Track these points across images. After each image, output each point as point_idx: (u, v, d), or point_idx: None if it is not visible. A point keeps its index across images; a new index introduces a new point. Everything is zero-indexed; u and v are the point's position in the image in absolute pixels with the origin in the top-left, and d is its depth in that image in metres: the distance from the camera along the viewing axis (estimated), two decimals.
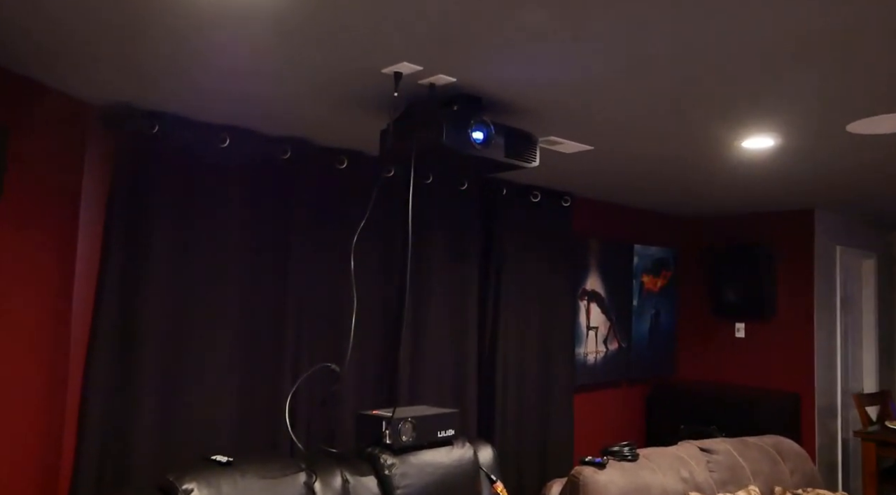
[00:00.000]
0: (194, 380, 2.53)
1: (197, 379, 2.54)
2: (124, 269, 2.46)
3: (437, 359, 3.40)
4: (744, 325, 4.98)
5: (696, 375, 5.20)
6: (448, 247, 3.54)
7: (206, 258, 2.68)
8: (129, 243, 2.49)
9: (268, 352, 2.73)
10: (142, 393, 2.41)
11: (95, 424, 2.31)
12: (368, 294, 3.16)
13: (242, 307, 2.71)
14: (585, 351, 4.41)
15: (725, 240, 5.11)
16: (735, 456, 3.25)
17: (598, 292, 4.51)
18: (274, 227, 2.88)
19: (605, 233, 4.64)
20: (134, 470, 2.35)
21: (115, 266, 2.44)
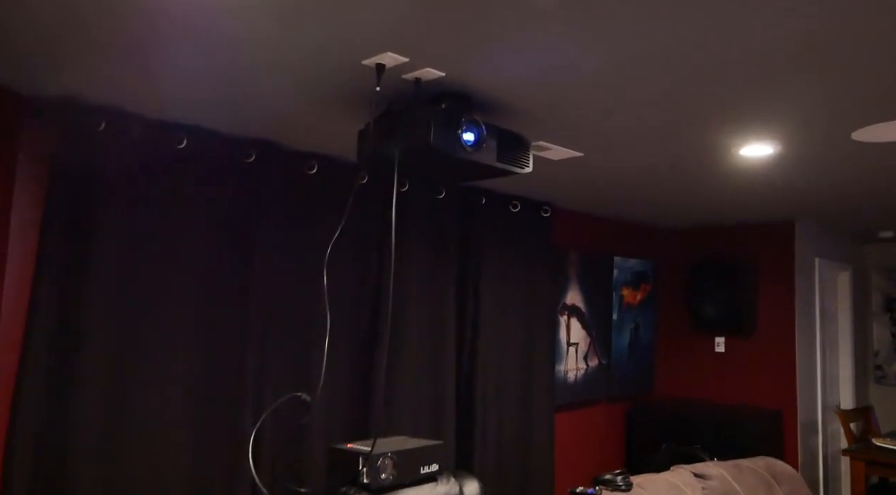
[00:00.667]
0: (141, 413, 2.24)
1: (145, 412, 2.25)
2: (62, 286, 2.17)
3: (414, 382, 3.15)
4: (724, 340, 4.85)
5: (677, 391, 5.05)
6: (424, 260, 3.30)
7: (158, 273, 2.40)
8: (69, 257, 2.20)
9: (228, 380, 2.45)
10: (80, 431, 2.11)
11: (24, 468, 2.00)
12: (339, 313, 2.91)
13: (199, 330, 2.43)
14: (566, 368, 4.21)
15: (705, 253, 4.99)
16: (730, 482, 3.07)
17: (578, 306, 4.32)
18: (235, 239, 2.61)
19: (585, 245, 4.47)
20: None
21: (51, 282, 2.14)
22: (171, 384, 2.33)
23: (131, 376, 2.27)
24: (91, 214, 2.24)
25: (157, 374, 2.32)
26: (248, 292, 2.57)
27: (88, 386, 2.16)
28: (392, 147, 1.87)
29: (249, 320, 2.53)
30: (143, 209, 2.38)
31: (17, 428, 1.99)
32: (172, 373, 2.34)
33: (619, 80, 1.88)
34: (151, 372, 2.30)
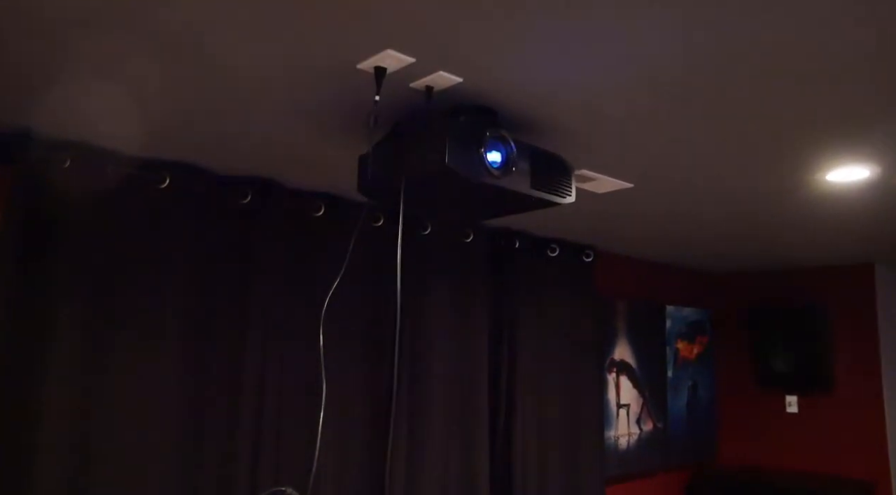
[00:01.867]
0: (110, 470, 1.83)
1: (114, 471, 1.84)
2: (17, 353, 1.80)
3: (440, 457, 2.68)
4: (796, 398, 4.25)
5: (744, 459, 4.43)
6: (450, 312, 2.87)
7: (134, 335, 2.02)
8: (25, 316, 1.84)
9: (215, 466, 2.03)
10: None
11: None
12: (349, 381, 2.49)
13: (180, 404, 2.03)
14: (616, 434, 3.68)
15: (767, 299, 4.44)
16: None
17: (627, 362, 3.82)
18: (227, 296, 2.24)
19: (633, 293, 3.99)
20: None
21: (4, 348, 1.78)
22: (150, 471, 1.93)
23: (98, 464, 1.88)
24: (52, 269, 1.89)
25: (131, 456, 1.92)
26: (241, 361, 2.18)
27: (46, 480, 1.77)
28: (398, 172, 1.48)
29: (240, 395, 2.13)
30: (121, 258, 2.03)
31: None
32: (148, 457, 1.93)
33: (688, 86, 1.47)
34: (122, 454, 1.90)
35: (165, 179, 2.12)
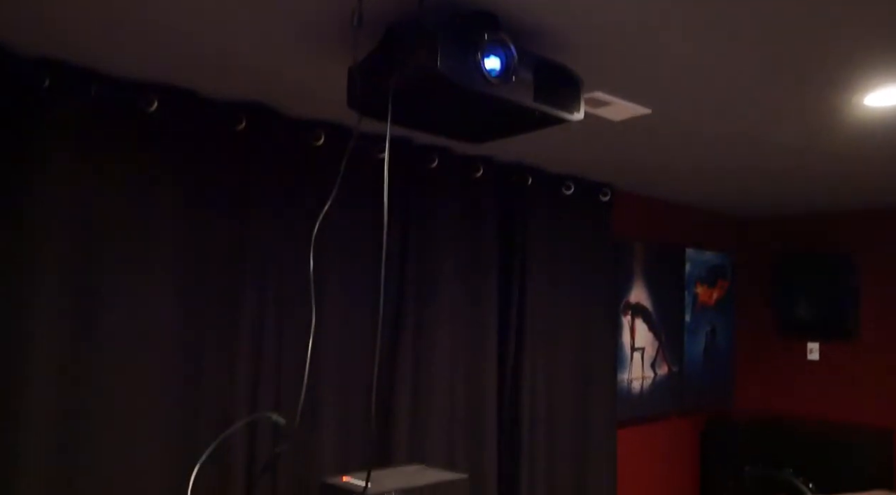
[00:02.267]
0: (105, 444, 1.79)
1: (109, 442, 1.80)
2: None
3: (446, 399, 2.63)
4: (818, 346, 4.13)
5: (760, 405, 4.34)
6: (458, 253, 2.77)
7: (123, 268, 1.95)
8: (4, 252, 1.77)
9: (213, 404, 1.98)
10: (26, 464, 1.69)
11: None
12: (352, 315, 2.41)
13: (175, 342, 1.97)
14: (629, 377, 3.60)
15: (793, 244, 4.27)
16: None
17: (643, 306, 3.71)
18: (222, 229, 2.15)
19: (652, 235, 3.84)
20: None
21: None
22: (149, 414, 1.89)
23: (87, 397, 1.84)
24: (32, 202, 1.81)
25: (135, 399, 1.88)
26: (238, 299, 2.10)
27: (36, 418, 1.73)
28: (387, 82, 1.35)
29: (238, 329, 2.06)
30: (106, 186, 1.94)
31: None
32: (139, 396, 1.89)
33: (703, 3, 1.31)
34: (112, 390, 1.86)
35: (153, 103, 2.02)
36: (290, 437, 1.87)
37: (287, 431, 1.83)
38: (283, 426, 1.61)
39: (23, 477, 1.67)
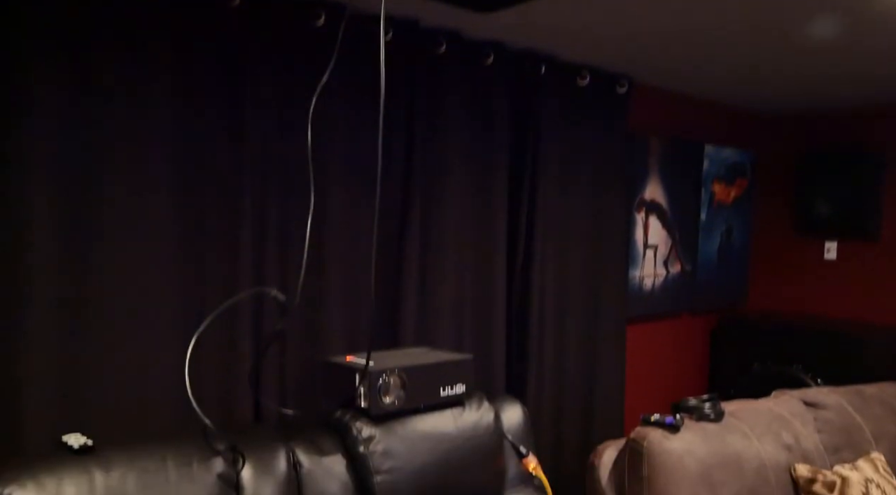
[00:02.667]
0: (106, 321, 1.80)
1: (109, 318, 1.81)
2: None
3: (454, 289, 2.61)
4: (835, 245, 4.05)
5: (773, 305, 4.33)
6: (466, 144, 2.69)
7: (116, 159, 1.90)
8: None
9: (214, 276, 1.97)
10: (31, 343, 1.70)
11: None
12: (358, 199, 2.37)
13: (174, 230, 1.94)
14: (641, 274, 3.58)
15: (817, 142, 4.12)
16: (850, 413, 2.44)
17: (658, 203, 3.63)
18: (220, 116, 2.07)
19: (670, 131, 3.71)
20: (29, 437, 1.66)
21: None
22: (146, 284, 1.88)
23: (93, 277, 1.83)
24: (20, 58, 1.74)
25: (128, 269, 1.87)
26: (240, 182, 2.05)
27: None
28: None
29: (239, 224, 2.02)
30: (92, 58, 1.86)
31: None
32: (145, 270, 1.88)
33: None
34: (111, 269, 1.85)
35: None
36: (290, 314, 1.87)
37: (288, 307, 1.83)
38: (284, 302, 1.59)
39: (30, 359, 1.69)
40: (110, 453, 1.22)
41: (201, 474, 1.27)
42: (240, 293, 1.93)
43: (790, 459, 2.19)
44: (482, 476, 1.66)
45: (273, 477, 1.39)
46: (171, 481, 1.23)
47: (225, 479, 1.30)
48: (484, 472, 1.66)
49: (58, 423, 1.66)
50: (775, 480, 2.12)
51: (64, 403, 1.68)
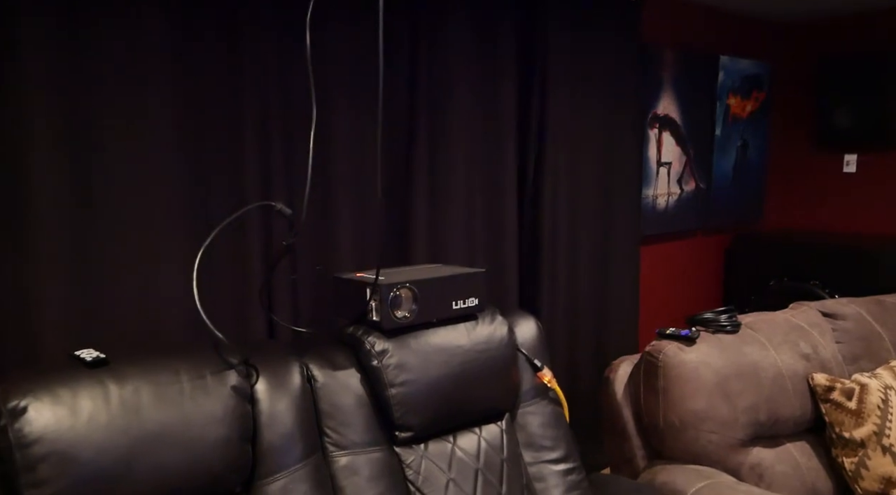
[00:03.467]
0: (114, 242, 1.77)
1: (119, 240, 1.77)
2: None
3: (463, 205, 2.55)
4: (855, 158, 3.93)
5: (790, 222, 4.25)
6: (474, 53, 2.57)
7: (117, 67, 1.81)
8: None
9: (221, 197, 1.92)
10: (37, 260, 1.67)
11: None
12: (362, 118, 2.28)
13: (178, 129, 1.86)
14: (655, 193, 3.50)
15: (837, 49, 3.94)
16: (869, 323, 2.40)
17: (672, 118, 3.51)
18: (217, 24, 1.96)
19: (684, 42, 3.55)
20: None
21: None
22: (147, 206, 1.83)
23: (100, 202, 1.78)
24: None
25: (126, 192, 1.82)
26: (242, 105, 1.96)
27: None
28: None
29: (245, 118, 1.94)
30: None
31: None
32: (146, 194, 1.83)
33: None
34: (118, 192, 1.80)
35: None
36: (298, 230, 1.82)
37: (294, 222, 1.78)
38: (290, 216, 1.54)
39: (40, 277, 1.66)
40: (124, 366, 1.20)
41: (215, 386, 1.25)
42: (250, 222, 1.89)
43: (808, 368, 2.16)
44: (497, 388, 1.65)
45: (287, 391, 1.38)
46: (185, 393, 1.21)
47: (239, 391, 1.28)
48: (498, 385, 1.65)
49: (70, 341, 1.65)
50: (793, 389, 2.10)
51: (75, 322, 1.67)
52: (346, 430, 1.45)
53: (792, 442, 2.12)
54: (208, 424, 1.21)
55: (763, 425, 2.04)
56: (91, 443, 1.10)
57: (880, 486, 1.97)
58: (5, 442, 1.07)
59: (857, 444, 2.02)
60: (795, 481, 2.02)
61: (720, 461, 1.98)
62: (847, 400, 2.07)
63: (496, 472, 1.60)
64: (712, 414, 1.97)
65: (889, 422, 2.03)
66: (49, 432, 1.08)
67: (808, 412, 2.13)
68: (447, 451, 1.56)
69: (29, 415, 1.08)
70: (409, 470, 1.51)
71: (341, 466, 1.43)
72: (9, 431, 1.07)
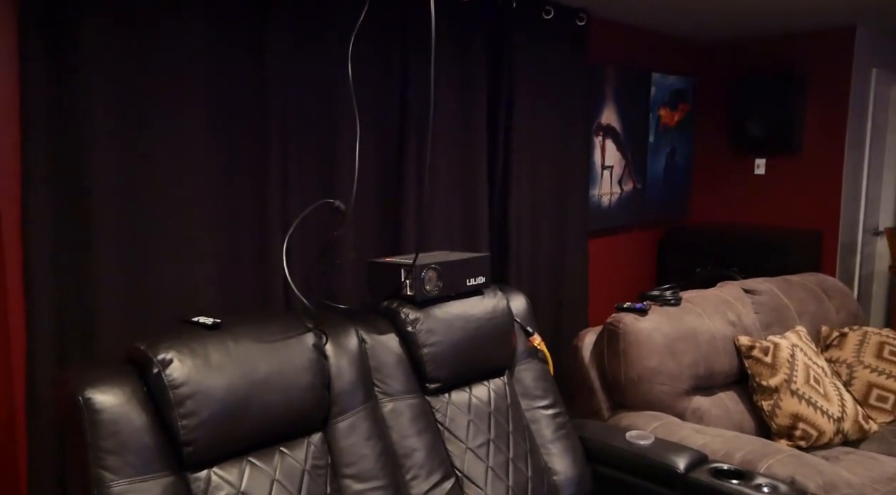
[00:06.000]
0: (159, 234, 2.06)
1: (163, 232, 2.06)
2: (52, 108, 1.87)
3: (445, 200, 2.94)
4: (764, 161, 4.57)
5: (712, 217, 4.86)
6: (451, 73, 2.96)
7: (160, 82, 2.09)
8: (55, 57, 1.89)
9: (248, 195, 2.23)
10: (97, 251, 1.94)
11: (44, 298, 1.84)
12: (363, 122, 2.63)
13: (213, 139, 2.17)
14: (600, 192, 3.99)
15: (749, 68, 4.56)
16: (779, 296, 2.94)
17: (613, 127, 4.01)
18: (245, 42, 2.27)
19: (622, 60, 4.06)
20: (101, 342, 1.93)
21: (40, 105, 1.83)
22: (191, 197, 2.13)
23: (146, 198, 2.06)
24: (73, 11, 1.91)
25: (174, 191, 2.11)
26: (263, 96, 2.27)
27: (98, 208, 1.95)
28: None
29: (269, 126, 2.26)
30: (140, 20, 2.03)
31: (31, 247, 1.82)
32: (188, 188, 2.12)
33: None
34: (167, 190, 2.09)
35: None
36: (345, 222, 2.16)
37: (346, 216, 2.12)
38: (343, 211, 1.88)
39: (99, 269, 1.93)
40: (234, 328, 1.52)
41: (301, 344, 1.58)
42: (272, 224, 2.21)
43: (734, 332, 2.67)
44: (501, 349, 2.05)
45: (347, 350, 1.73)
46: (281, 349, 1.54)
47: (318, 349, 1.62)
48: (502, 346, 2.05)
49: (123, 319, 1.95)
50: (723, 349, 2.60)
51: (128, 304, 1.97)
52: (391, 381, 1.81)
53: (723, 391, 2.62)
54: (299, 373, 1.55)
55: (701, 378, 2.53)
56: (221, 385, 1.42)
57: (790, 421, 2.49)
58: (160, 384, 1.38)
59: (772, 390, 2.54)
60: (727, 421, 2.52)
61: (670, 407, 2.45)
62: (764, 356, 2.59)
63: (503, 415, 2.00)
64: (663, 369, 2.44)
65: (795, 372, 2.56)
66: (192, 376, 1.39)
67: (735, 367, 2.63)
68: (466, 399, 1.95)
69: (175, 364, 1.39)
70: (439, 414, 1.89)
71: (388, 410, 1.79)
72: (162, 376, 1.38)
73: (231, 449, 1.45)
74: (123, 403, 1.35)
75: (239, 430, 1.45)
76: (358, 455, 1.64)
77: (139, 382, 1.40)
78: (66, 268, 1.89)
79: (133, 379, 1.40)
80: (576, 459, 2.08)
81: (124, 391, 1.36)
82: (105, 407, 1.32)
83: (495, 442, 1.92)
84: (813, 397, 2.53)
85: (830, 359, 2.90)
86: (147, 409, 1.37)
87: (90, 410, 1.31)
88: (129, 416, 1.34)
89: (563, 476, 2.03)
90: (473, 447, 1.88)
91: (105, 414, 1.32)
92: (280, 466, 1.51)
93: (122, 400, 1.35)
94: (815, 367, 2.63)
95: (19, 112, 1.85)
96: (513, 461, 1.92)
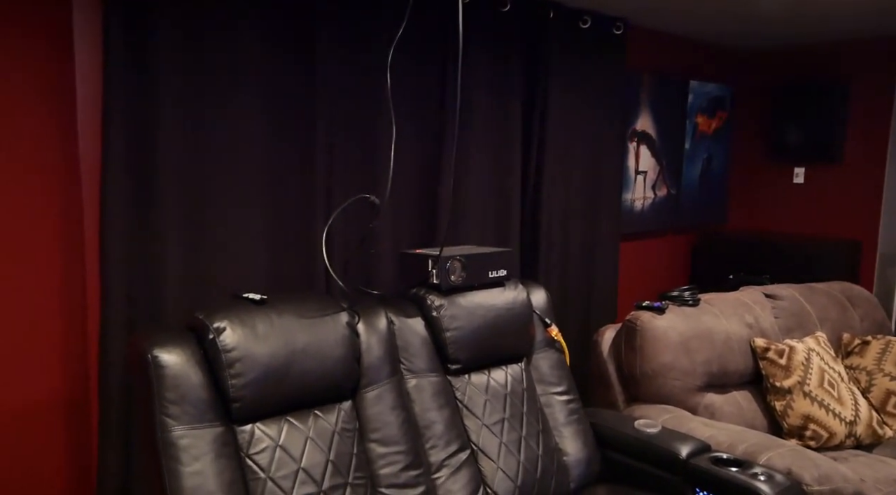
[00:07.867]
0: (218, 219, 2.30)
1: (221, 218, 2.31)
2: (130, 102, 2.13)
3: (480, 198, 3.13)
4: (803, 170, 4.60)
5: (747, 225, 4.91)
6: (489, 79, 3.14)
7: (221, 83, 2.34)
8: (133, 75, 2.15)
9: (296, 187, 2.46)
10: (164, 235, 2.19)
11: (118, 271, 2.10)
12: (401, 122, 2.83)
13: (266, 136, 2.40)
14: (633, 197, 4.11)
15: (790, 76, 4.60)
16: (801, 302, 3.03)
17: (648, 133, 4.13)
18: (296, 47, 2.51)
19: (659, 68, 4.17)
20: (165, 312, 2.19)
21: (119, 99, 2.11)
22: (244, 191, 2.37)
23: (206, 189, 2.31)
24: (151, 26, 2.17)
25: (230, 183, 2.35)
26: (314, 101, 2.49)
27: (166, 200, 2.21)
28: None
29: (315, 129, 2.48)
30: (204, 15, 2.29)
31: (108, 230, 2.08)
32: (243, 182, 2.36)
33: None
34: (224, 182, 2.33)
35: None
36: (380, 215, 2.37)
37: (378, 209, 2.33)
38: (378, 205, 2.09)
39: (162, 240, 2.19)
40: (278, 304, 1.74)
41: (336, 321, 1.79)
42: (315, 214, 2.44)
43: (751, 334, 2.78)
44: (519, 337, 2.22)
45: (377, 330, 1.93)
46: (318, 324, 1.76)
47: (350, 326, 1.83)
48: (520, 335, 2.22)
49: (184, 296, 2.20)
50: (738, 349, 2.71)
51: (188, 282, 2.22)
52: (415, 360, 2.01)
53: (737, 390, 2.73)
54: (333, 346, 1.76)
55: (715, 375, 2.65)
56: (266, 352, 1.65)
57: (802, 422, 2.58)
58: (214, 349, 1.61)
59: (785, 391, 2.64)
60: (738, 418, 2.63)
61: (682, 402, 2.58)
62: (779, 358, 2.68)
63: (519, 397, 2.17)
64: (677, 365, 2.57)
65: (809, 375, 2.65)
66: (241, 343, 1.62)
67: (750, 368, 2.74)
68: (484, 381, 2.13)
69: (227, 332, 1.62)
70: (458, 392, 2.08)
71: (412, 385, 1.99)
72: (216, 341, 1.61)
73: (272, 408, 1.67)
74: (184, 362, 1.58)
75: (279, 392, 1.67)
76: (383, 422, 1.84)
77: (197, 346, 1.64)
78: (137, 247, 2.16)
79: (192, 342, 1.64)
80: (586, 442, 2.24)
81: (185, 352, 1.60)
82: (169, 364, 1.56)
83: (509, 421, 2.10)
84: (826, 400, 2.61)
85: (850, 365, 2.96)
86: (203, 369, 1.61)
87: (157, 366, 1.55)
88: (189, 373, 1.57)
89: (573, 457, 2.19)
90: (489, 424, 2.06)
91: (169, 369, 1.55)
92: (314, 426, 1.72)
93: (183, 359, 1.58)
94: (830, 372, 2.72)
95: (101, 108, 2.11)
96: (525, 439, 2.10)
